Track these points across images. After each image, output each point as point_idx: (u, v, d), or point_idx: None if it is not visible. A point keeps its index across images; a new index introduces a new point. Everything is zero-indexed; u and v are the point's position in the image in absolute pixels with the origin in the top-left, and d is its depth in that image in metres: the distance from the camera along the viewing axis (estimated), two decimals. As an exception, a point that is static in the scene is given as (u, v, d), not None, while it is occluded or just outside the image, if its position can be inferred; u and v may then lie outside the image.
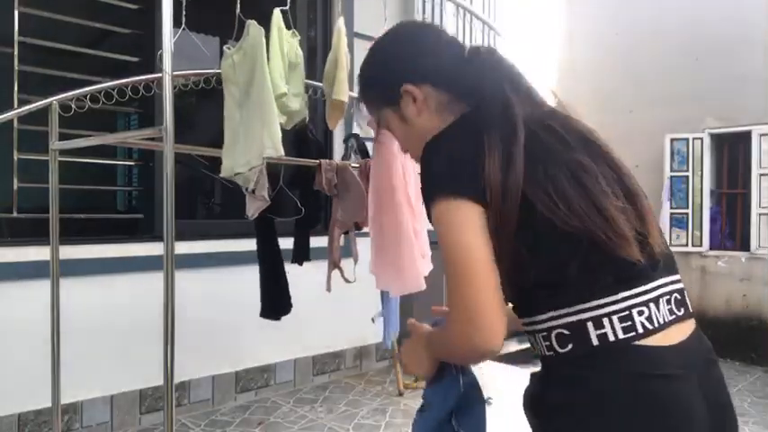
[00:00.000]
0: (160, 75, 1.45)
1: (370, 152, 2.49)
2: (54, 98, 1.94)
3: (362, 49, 1.98)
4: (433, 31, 1.15)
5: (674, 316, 0.91)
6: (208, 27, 2.94)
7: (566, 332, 0.88)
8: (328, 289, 2.39)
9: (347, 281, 2.40)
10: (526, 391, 0.97)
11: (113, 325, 2.76)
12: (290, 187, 2.44)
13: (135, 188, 3.75)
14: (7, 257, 2.50)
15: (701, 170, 4.57)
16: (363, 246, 2.44)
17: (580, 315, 0.87)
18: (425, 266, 2.05)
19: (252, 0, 2.02)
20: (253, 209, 2.06)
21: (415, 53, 1.08)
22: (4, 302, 2.49)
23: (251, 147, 1.79)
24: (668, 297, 0.91)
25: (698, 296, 4.60)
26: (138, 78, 2.21)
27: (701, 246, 4.57)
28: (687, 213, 4.60)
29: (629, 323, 0.86)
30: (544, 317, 0.90)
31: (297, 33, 1.98)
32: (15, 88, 2.54)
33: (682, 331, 0.92)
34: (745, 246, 4.46)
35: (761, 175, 4.33)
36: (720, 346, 4.89)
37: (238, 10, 1.83)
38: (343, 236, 2.48)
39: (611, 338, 0.85)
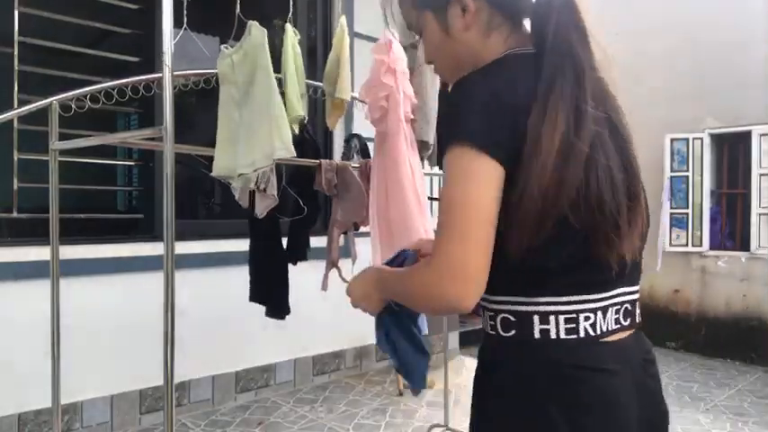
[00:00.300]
0: (160, 75, 1.45)
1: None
2: (54, 98, 1.94)
3: (362, 49, 1.97)
4: None
5: (618, 326, 0.91)
6: (208, 27, 2.94)
7: (512, 318, 0.89)
8: (324, 288, 2.39)
9: (345, 281, 2.39)
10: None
11: (113, 325, 2.76)
12: (289, 187, 2.44)
13: (135, 188, 3.75)
14: (7, 257, 2.50)
15: (701, 170, 4.57)
16: (362, 246, 2.44)
17: (529, 307, 0.87)
18: None
19: (252, 0, 2.02)
20: (262, 207, 2.06)
21: None
22: (4, 302, 2.49)
23: (255, 147, 1.77)
24: (618, 307, 0.91)
25: (698, 296, 4.60)
26: (138, 78, 2.21)
27: (701, 246, 4.57)
28: (687, 213, 4.60)
29: (573, 326, 0.87)
30: (498, 298, 0.90)
31: (297, 33, 1.98)
32: (15, 88, 2.54)
33: (618, 336, 0.92)
34: (745, 246, 4.46)
35: (761, 175, 4.33)
36: (720, 346, 4.89)
37: (238, 10, 1.83)
38: (342, 236, 2.48)
39: (553, 336, 0.86)
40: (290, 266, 2.46)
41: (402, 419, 3.06)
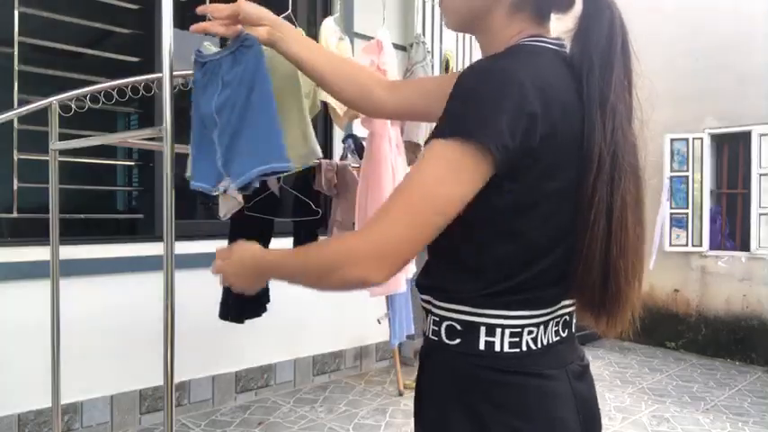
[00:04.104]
0: (160, 75, 1.45)
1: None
2: (54, 98, 1.94)
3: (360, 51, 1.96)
4: None
5: (558, 338, 0.90)
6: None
7: (458, 327, 0.87)
8: None
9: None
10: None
11: (113, 325, 2.76)
12: (291, 187, 2.44)
13: (135, 188, 3.75)
14: (7, 257, 2.50)
15: (701, 170, 4.57)
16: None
17: (478, 318, 0.85)
18: (409, 268, 2.05)
19: (252, 0, 2.02)
20: (225, 209, 2.03)
21: None
22: (4, 302, 2.49)
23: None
24: (558, 320, 0.91)
25: (698, 296, 4.60)
26: (138, 78, 2.21)
27: (700, 246, 4.57)
28: (687, 213, 4.60)
29: (517, 339, 0.85)
30: (447, 306, 0.88)
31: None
32: (15, 88, 2.54)
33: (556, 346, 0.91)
34: (745, 246, 4.46)
35: (761, 175, 4.33)
36: (720, 346, 4.88)
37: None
38: (342, 236, 2.48)
39: (497, 349, 0.85)
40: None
41: (402, 419, 3.06)
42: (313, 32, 3.62)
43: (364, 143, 2.75)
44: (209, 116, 1.44)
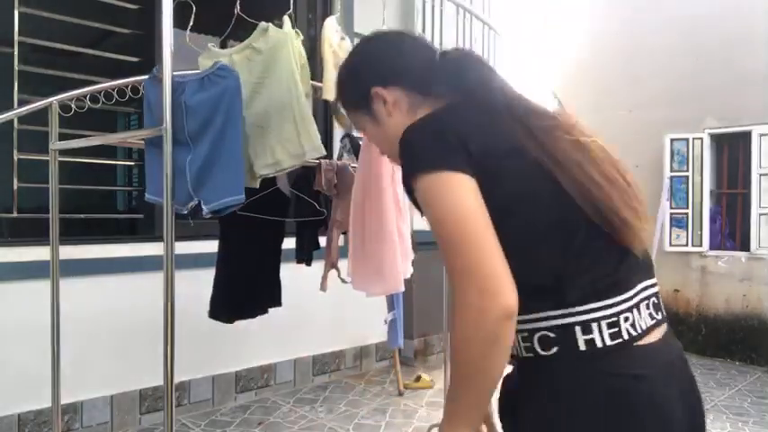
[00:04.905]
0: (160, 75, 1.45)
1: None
2: (54, 98, 1.94)
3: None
4: (403, 36, 1.17)
5: (654, 321, 0.90)
6: (208, 27, 2.94)
7: (551, 335, 0.86)
8: (323, 289, 2.39)
9: (344, 281, 2.39)
10: (501, 396, 0.94)
11: (113, 325, 2.76)
12: (293, 187, 2.44)
13: (135, 188, 3.75)
14: (7, 257, 2.50)
15: (701, 170, 4.57)
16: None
17: (568, 318, 0.85)
18: (407, 268, 2.04)
19: (252, 0, 2.02)
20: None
21: (383, 57, 1.10)
22: (4, 302, 2.49)
23: (277, 148, 1.77)
24: (647, 302, 0.91)
25: (698, 296, 4.60)
26: (138, 78, 2.21)
27: (701, 246, 4.56)
28: (687, 213, 4.60)
29: (616, 329, 0.85)
30: (529, 317, 0.87)
31: (300, 33, 1.97)
32: (15, 88, 2.54)
33: (656, 334, 0.91)
34: (745, 246, 4.46)
35: (761, 175, 4.32)
36: (720, 346, 4.88)
37: (237, 9, 1.83)
38: (342, 236, 2.47)
39: (599, 344, 0.84)
40: (290, 267, 2.45)
41: (402, 419, 3.06)
42: (313, 32, 3.63)
43: (362, 143, 2.75)
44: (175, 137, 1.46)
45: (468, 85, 1.00)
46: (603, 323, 0.85)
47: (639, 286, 0.90)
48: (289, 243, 2.52)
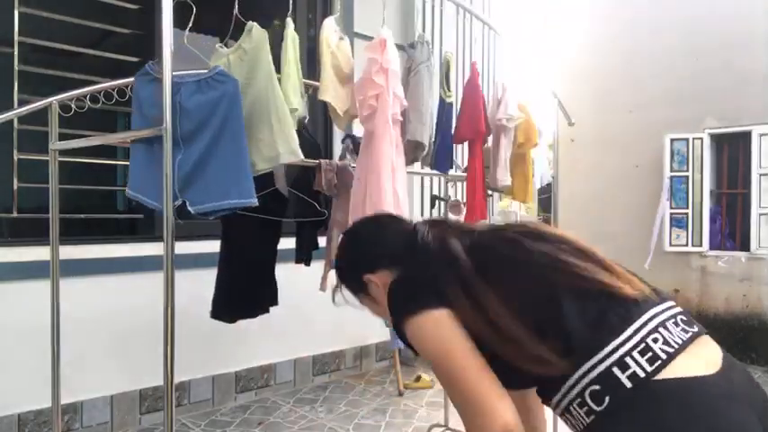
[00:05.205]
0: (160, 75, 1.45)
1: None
2: (54, 98, 1.94)
3: (362, 50, 1.96)
4: (378, 221, 1.38)
5: (688, 334, 0.91)
6: (208, 27, 2.94)
7: (597, 387, 0.87)
8: (323, 289, 2.39)
9: (344, 281, 2.39)
10: None
11: (113, 325, 2.76)
12: (292, 187, 2.44)
13: (135, 188, 3.74)
14: (7, 257, 2.50)
15: (701, 170, 4.57)
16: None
17: (604, 363, 0.87)
18: None
19: (251, 0, 2.02)
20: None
21: (365, 248, 1.29)
22: (4, 302, 2.49)
23: (253, 151, 1.76)
24: (674, 320, 0.92)
25: (698, 296, 4.60)
26: (138, 78, 2.20)
27: (701, 246, 4.56)
28: (687, 213, 4.60)
29: (651, 354, 0.86)
30: (572, 381, 0.90)
31: (296, 36, 1.97)
32: (15, 88, 2.54)
33: (713, 356, 0.91)
34: (745, 246, 4.46)
35: (761, 175, 4.32)
36: (720, 346, 4.87)
37: (236, 9, 1.83)
38: (341, 236, 2.47)
39: (642, 375, 0.85)
40: (290, 267, 2.45)
41: (402, 419, 3.06)
42: (313, 32, 3.63)
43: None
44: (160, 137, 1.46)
45: (426, 249, 1.13)
46: (635, 353, 0.87)
47: (656, 310, 0.93)
48: (289, 243, 2.52)
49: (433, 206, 3.94)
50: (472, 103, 2.46)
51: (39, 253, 2.42)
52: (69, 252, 2.46)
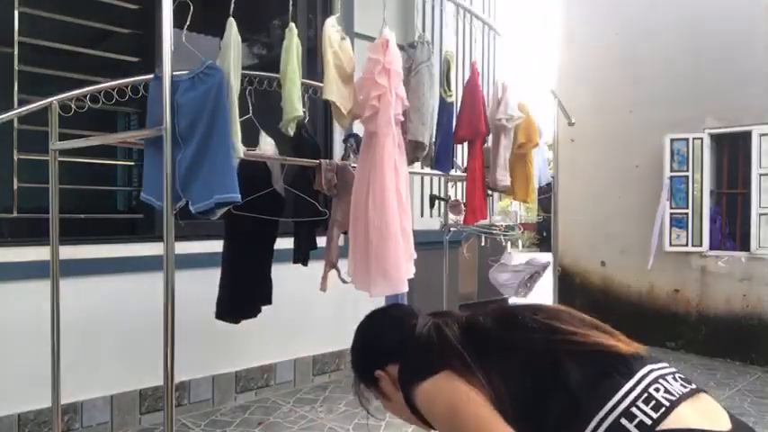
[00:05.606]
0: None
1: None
2: (54, 98, 1.94)
3: (363, 50, 1.96)
4: (375, 317, 1.44)
5: (687, 389, 0.94)
6: (208, 27, 2.94)
7: None
8: (323, 289, 2.39)
9: (344, 281, 2.39)
10: None
11: (113, 325, 2.76)
12: (292, 187, 2.44)
13: (135, 188, 3.74)
14: (7, 257, 2.50)
15: (701, 170, 4.57)
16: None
17: (612, 415, 0.89)
18: (410, 268, 2.04)
19: (251, 0, 2.02)
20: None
21: (370, 345, 1.37)
22: (4, 302, 2.49)
23: None
24: (672, 376, 0.96)
25: (698, 296, 4.60)
26: (138, 78, 2.21)
27: (701, 246, 4.56)
28: (687, 213, 4.60)
29: (654, 402, 0.89)
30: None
31: (299, 42, 1.97)
32: (15, 88, 2.54)
33: (720, 415, 0.92)
34: (745, 246, 4.46)
35: (761, 175, 4.32)
36: (720, 346, 4.86)
37: (232, 10, 1.82)
38: (342, 236, 2.47)
39: (648, 422, 0.87)
40: (290, 267, 2.46)
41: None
42: (313, 32, 3.63)
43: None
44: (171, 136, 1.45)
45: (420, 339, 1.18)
46: (639, 402, 0.89)
47: (651, 366, 0.96)
48: (289, 243, 2.52)
49: (432, 206, 3.94)
50: (472, 102, 2.46)
51: (39, 253, 2.42)
52: (69, 252, 2.46)
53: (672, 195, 4.64)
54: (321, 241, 2.53)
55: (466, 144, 2.60)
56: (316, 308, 3.41)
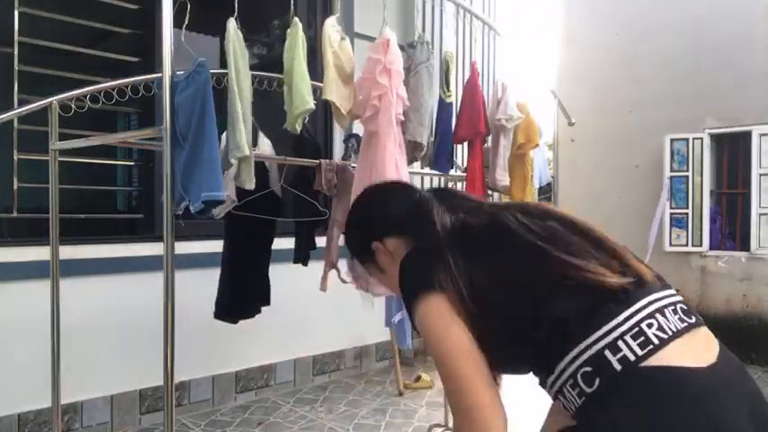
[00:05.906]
0: (160, 75, 1.45)
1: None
2: (54, 98, 1.94)
3: (363, 50, 1.96)
4: (386, 188, 1.39)
5: (685, 324, 0.91)
6: (208, 27, 2.94)
7: (588, 369, 0.88)
8: (323, 289, 2.39)
9: (343, 281, 2.39)
10: None
11: (113, 325, 2.76)
12: (292, 187, 2.44)
13: (135, 188, 3.75)
14: (7, 257, 2.50)
15: (701, 170, 4.57)
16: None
17: (597, 345, 0.87)
18: None
19: (251, 0, 2.01)
20: (218, 208, 2.02)
21: (375, 214, 1.28)
22: (4, 302, 2.49)
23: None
24: (673, 308, 0.92)
25: (698, 296, 4.60)
26: (138, 78, 2.21)
27: (701, 246, 4.56)
28: (687, 213, 4.60)
29: (643, 338, 0.86)
30: (564, 363, 0.90)
31: (304, 37, 1.97)
32: (15, 88, 2.54)
33: (708, 350, 0.90)
34: (745, 246, 4.46)
35: (761, 175, 4.32)
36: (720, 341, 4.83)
37: (236, 11, 1.82)
38: (341, 236, 2.47)
39: (632, 358, 0.85)
40: (290, 267, 2.45)
41: (402, 419, 3.06)
42: (313, 33, 3.63)
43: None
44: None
45: (422, 225, 1.13)
46: (627, 336, 0.87)
47: (655, 296, 0.92)
48: (289, 243, 2.52)
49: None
50: (472, 102, 2.46)
51: (39, 253, 2.42)
52: (69, 252, 2.46)
53: (672, 195, 4.64)
54: (321, 241, 2.52)
55: (466, 144, 2.60)
56: (316, 308, 3.40)
